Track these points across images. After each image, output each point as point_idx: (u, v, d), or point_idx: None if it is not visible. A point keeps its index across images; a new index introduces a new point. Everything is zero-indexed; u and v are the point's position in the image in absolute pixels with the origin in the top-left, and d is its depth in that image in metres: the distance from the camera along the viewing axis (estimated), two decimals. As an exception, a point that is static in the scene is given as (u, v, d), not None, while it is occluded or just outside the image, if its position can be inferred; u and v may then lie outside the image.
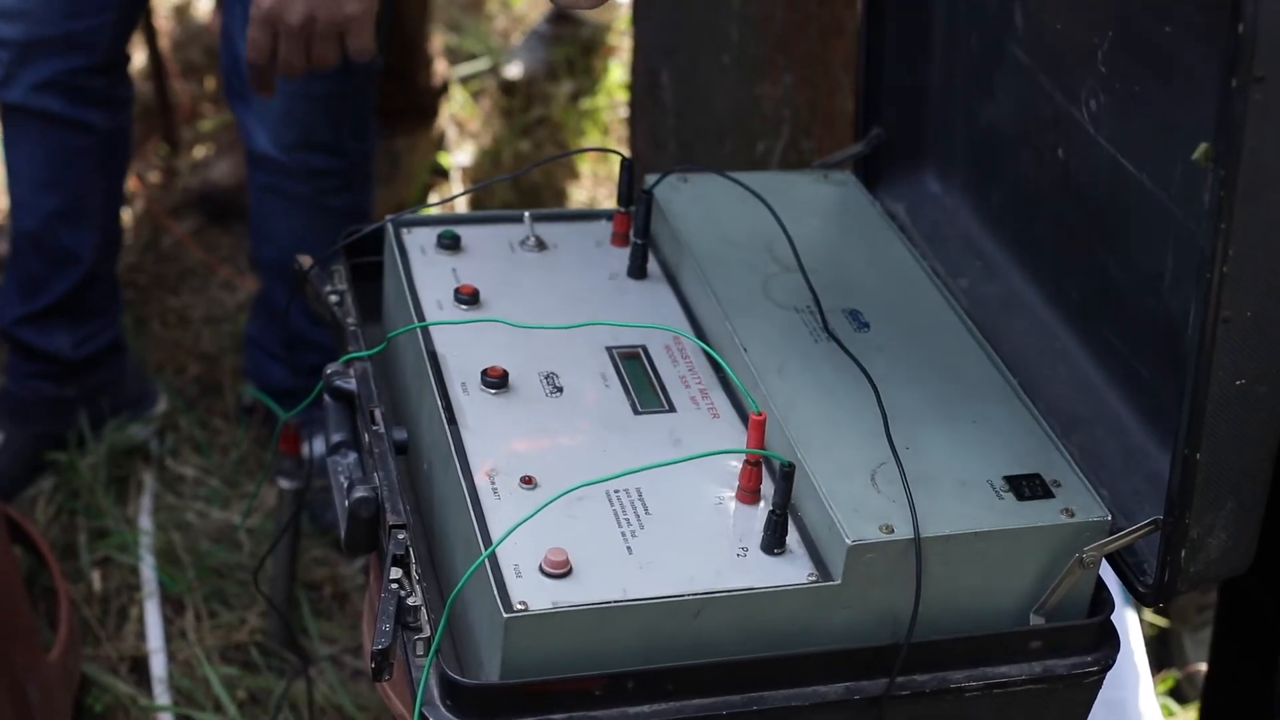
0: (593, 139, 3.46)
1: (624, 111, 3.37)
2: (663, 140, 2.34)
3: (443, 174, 3.27)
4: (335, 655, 2.33)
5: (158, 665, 2.29)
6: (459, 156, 3.31)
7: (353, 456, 1.45)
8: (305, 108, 2.33)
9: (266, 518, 2.52)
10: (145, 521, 2.51)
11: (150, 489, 2.57)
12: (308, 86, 2.28)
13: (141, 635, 2.34)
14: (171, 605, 2.39)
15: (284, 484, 2.20)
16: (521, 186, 3.26)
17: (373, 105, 2.46)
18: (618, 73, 3.59)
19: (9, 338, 2.53)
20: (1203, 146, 1.14)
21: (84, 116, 2.38)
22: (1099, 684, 1.35)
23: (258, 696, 2.28)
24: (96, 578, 2.41)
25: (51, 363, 2.52)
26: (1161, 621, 2.41)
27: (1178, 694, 2.33)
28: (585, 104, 3.54)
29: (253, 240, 2.58)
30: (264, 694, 2.27)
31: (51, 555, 2.30)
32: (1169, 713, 2.26)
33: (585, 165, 3.33)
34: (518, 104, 3.53)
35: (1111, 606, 1.34)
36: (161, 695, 2.25)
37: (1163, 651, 2.38)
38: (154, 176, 3.29)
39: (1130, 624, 2.24)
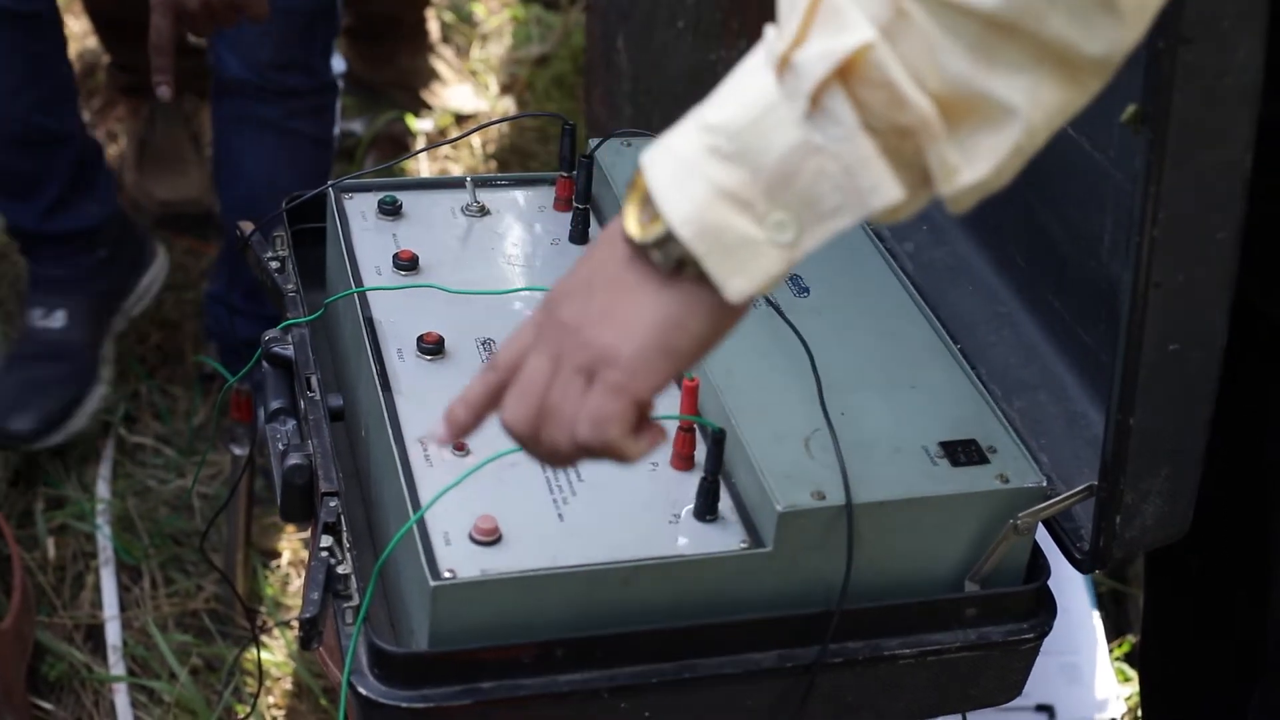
0: (560, 104, 3.43)
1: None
2: (618, 105, 2.33)
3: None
4: (289, 622, 2.32)
5: (112, 633, 2.28)
6: (423, 123, 3.29)
7: (291, 424, 1.44)
8: (281, 24, 2.33)
9: (224, 485, 2.51)
10: (103, 489, 2.49)
11: (109, 457, 2.55)
12: (286, 1, 2.30)
13: (97, 603, 2.33)
14: (128, 573, 2.38)
15: (236, 450, 2.19)
16: (492, 153, 3.24)
17: (339, 29, 2.51)
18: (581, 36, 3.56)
19: (41, 237, 2.53)
20: (1131, 108, 1.12)
21: (34, 6, 2.36)
22: (1035, 651, 1.35)
23: (212, 664, 2.27)
24: (51, 545, 2.40)
25: (84, 237, 2.55)
26: (1118, 586, 2.41)
27: (1133, 658, 2.32)
28: (554, 68, 3.52)
29: (220, 185, 2.56)
30: (219, 661, 2.27)
31: (6, 523, 2.29)
32: (1124, 677, 2.26)
33: (556, 129, 3.30)
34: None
35: (1047, 573, 1.33)
36: (116, 663, 2.24)
37: (1119, 616, 2.38)
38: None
39: (1085, 589, 2.24)
